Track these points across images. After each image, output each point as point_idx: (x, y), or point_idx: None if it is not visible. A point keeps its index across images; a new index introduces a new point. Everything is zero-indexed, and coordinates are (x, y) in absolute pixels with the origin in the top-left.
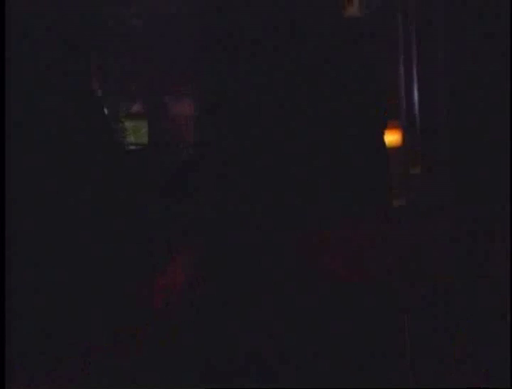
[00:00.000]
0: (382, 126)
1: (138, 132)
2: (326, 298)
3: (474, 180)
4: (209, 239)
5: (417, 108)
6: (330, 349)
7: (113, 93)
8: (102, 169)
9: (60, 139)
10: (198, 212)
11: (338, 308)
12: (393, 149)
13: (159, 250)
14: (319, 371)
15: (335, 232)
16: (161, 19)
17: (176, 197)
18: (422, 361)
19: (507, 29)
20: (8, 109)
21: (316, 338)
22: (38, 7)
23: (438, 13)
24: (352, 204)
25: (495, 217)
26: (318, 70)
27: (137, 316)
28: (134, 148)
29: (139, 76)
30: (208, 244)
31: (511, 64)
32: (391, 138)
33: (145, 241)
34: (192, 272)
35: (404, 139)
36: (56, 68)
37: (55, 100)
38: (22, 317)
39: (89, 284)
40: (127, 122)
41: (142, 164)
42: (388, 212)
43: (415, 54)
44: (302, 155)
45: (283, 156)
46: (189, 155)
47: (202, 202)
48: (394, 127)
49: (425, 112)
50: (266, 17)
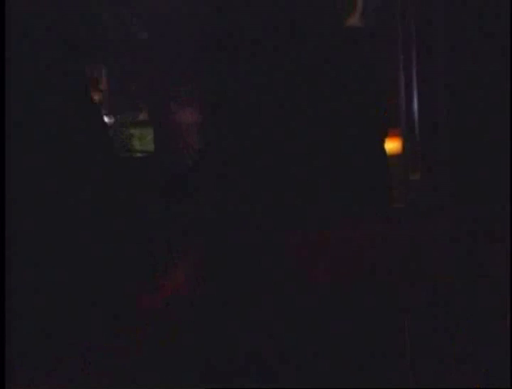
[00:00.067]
0: (383, 133)
1: (143, 139)
2: (326, 298)
3: (473, 183)
4: (209, 239)
5: (417, 115)
6: (330, 349)
7: (119, 101)
8: (102, 169)
9: (60, 139)
10: (199, 213)
11: (338, 308)
12: (393, 155)
13: (159, 251)
14: (319, 371)
15: (335, 233)
16: (165, 28)
17: (177, 198)
18: (422, 361)
19: (507, 32)
20: (8, 109)
21: (316, 338)
22: (38, 7)
23: (438, 25)
24: (354, 207)
25: (495, 217)
26: (319, 78)
27: (137, 316)
28: (140, 155)
29: (145, 85)
30: (208, 244)
31: (511, 66)
32: (391, 144)
33: (145, 241)
34: (192, 272)
35: (404, 146)
36: (55, 68)
37: (54, 101)
38: (22, 317)
39: (89, 284)
40: (133, 130)
41: (146, 168)
42: (389, 215)
43: (414, 64)
44: (304, 160)
45: (284, 160)
46: (193, 160)
47: (203, 202)
48: (394, 134)
49: (425, 119)
50: (267, 21)
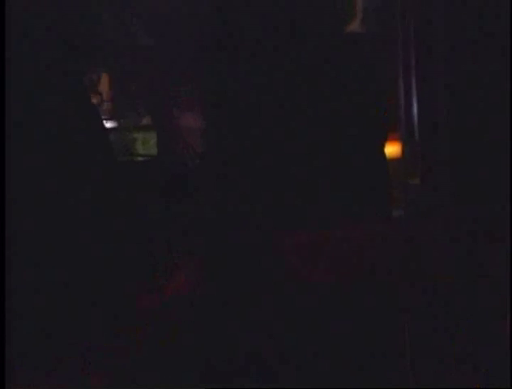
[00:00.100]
0: (383, 138)
1: (147, 143)
2: (326, 298)
3: (473, 186)
4: (209, 239)
5: (416, 120)
6: (330, 349)
7: (122, 106)
8: (101, 169)
9: (58, 140)
10: (199, 213)
11: (338, 308)
12: (392, 159)
13: (159, 251)
14: (319, 371)
15: (335, 233)
16: (167, 31)
17: (178, 198)
18: (422, 361)
19: (507, 33)
20: (8, 109)
21: (316, 338)
22: (38, 7)
23: (438, 30)
24: (353, 209)
25: (495, 217)
26: (319, 81)
27: (137, 316)
28: (144, 159)
29: (147, 89)
30: (208, 244)
31: (511, 70)
32: (391, 148)
33: (145, 241)
34: (192, 272)
35: (403, 150)
36: (53, 70)
37: (52, 102)
38: (22, 317)
39: (89, 284)
40: (137, 134)
41: (147, 169)
42: (388, 217)
43: (413, 69)
44: (304, 163)
45: (283, 163)
46: (194, 161)
47: (203, 203)
48: (393, 138)
49: (424, 123)
50: (267, 22)
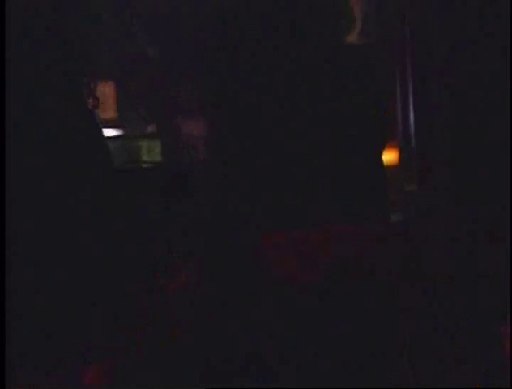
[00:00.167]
0: (381, 146)
1: (152, 151)
2: (326, 298)
3: (470, 191)
4: (209, 240)
5: (413, 128)
6: (330, 349)
7: (128, 115)
8: (102, 171)
9: (57, 142)
10: (200, 214)
11: (338, 308)
12: (390, 166)
13: (159, 251)
14: (319, 371)
15: (334, 235)
16: (173, 41)
17: (178, 199)
18: (422, 361)
19: (507, 35)
20: (8, 109)
21: (316, 338)
22: (38, 7)
23: (435, 42)
24: (353, 213)
25: (495, 217)
26: (319, 91)
27: (137, 316)
28: (149, 166)
29: (153, 99)
30: (209, 244)
31: (511, 78)
32: (389, 156)
33: (146, 241)
34: (192, 272)
35: (400, 157)
36: (53, 69)
37: (50, 105)
38: (22, 317)
39: (89, 284)
40: (142, 142)
41: (147, 171)
42: (387, 220)
43: (411, 79)
44: (304, 167)
45: (284, 170)
46: (195, 161)
47: (203, 203)
48: (391, 146)
49: (420, 132)
50: (266, 32)
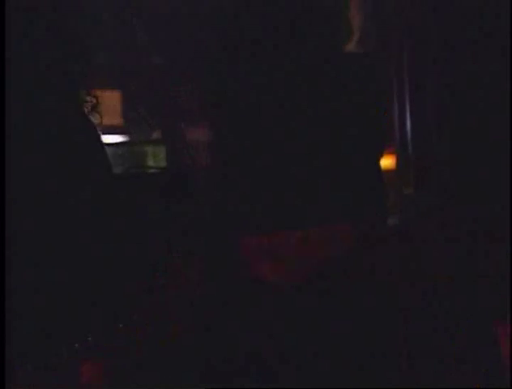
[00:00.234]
0: (378, 151)
1: (157, 157)
2: (326, 298)
3: (465, 193)
4: (210, 239)
5: (409, 134)
6: (330, 349)
7: (133, 121)
8: (101, 172)
9: (56, 141)
10: (200, 215)
11: (338, 308)
12: (388, 171)
13: (160, 251)
14: (319, 371)
15: (334, 235)
16: (178, 49)
17: (178, 199)
18: (422, 361)
19: (507, 40)
20: (8, 110)
21: (316, 338)
22: (38, 7)
23: (431, 51)
24: (352, 216)
25: (493, 218)
26: (318, 99)
27: (137, 316)
28: (154, 171)
29: (157, 105)
30: (209, 244)
31: (511, 85)
32: (386, 161)
33: (147, 242)
34: (192, 272)
35: (398, 162)
36: (51, 71)
37: (48, 104)
38: (22, 317)
39: (89, 284)
40: (147, 147)
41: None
42: (384, 223)
43: (407, 88)
44: (306, 172)
45: (285, 173)
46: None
47: (203, 203)
48: (388, 152)
49: (417, 138)
50: (267, 39)
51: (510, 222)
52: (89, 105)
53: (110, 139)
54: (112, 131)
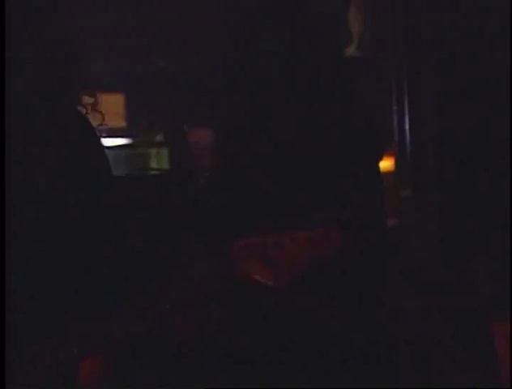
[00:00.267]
0: (378, 155)
1: (160, 159)
2: (326, 298)
3: (461, 195)
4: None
5: (408, 139)
6: (330, 349)
7: (139, 124)
8: (101, 172)
9: (56, 141)
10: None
11: (338, 308)
12: (387, 174)
13: (162, 253)
14: (319, 371)
15: (333, 237)
16: (182, 55)
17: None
18: (422, 361)
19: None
20: (8, 111)
21: (316, 338)
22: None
23: (428, 58)
24: (351, 219)
25: (495, 217)
26: (321, 105)
27: (137, 316)
28: (157, 173)
29: (161, 109)
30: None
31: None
32: (385, 164)
33: (147, 243)
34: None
35: (396, 166)
36: (49, 73)
37: (46, 105)
38: (22, 317)
39: (90, 285)
40: (151, 150)
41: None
42: (384, 224)
43: (406, 93)
44: (307, 177)
45: (287, 178)
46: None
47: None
48: (387, 155)
49: (415, 142)
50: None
51: (511, 222)
52: (88, 106)
53: (115, 142)
54: (116, 134)
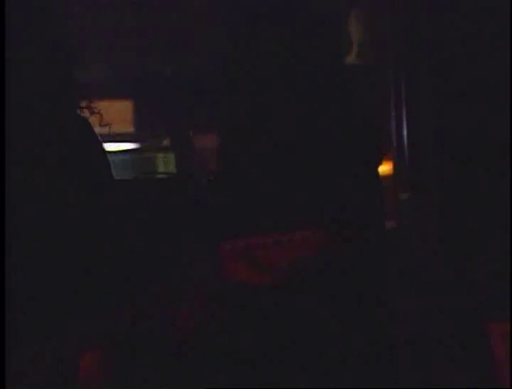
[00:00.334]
0: (377, 159)
1: (167, 163)
2: (326, 298)
3: (461, 199)
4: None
5: (406, 143)
6: (330, 349)
7: (145, 130)
8: (102, 175)
9: (56, 143)
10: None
11: (338, 308)
12: (386, 177)
13: (162, 253)
14: (319, 371)
15: (316, 238)
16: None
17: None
18: (422, 361)
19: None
20: (8, 111)
21: (316, 338)
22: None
23: (426, 65)
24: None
25: (495, 217)
26: (321, 111)
27: (137, 316)
28: (164, 177)
29: (168, 114)
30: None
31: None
32: (384, 168)
33: (147, 244)
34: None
35: (395, 169)
36: (47, 74)
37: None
38: (22, 317)
39: (90, 284)
40: (158, 154)
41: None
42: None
43: (404, 99)
44: (308, 182)
45: (289, 182)
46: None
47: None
48: (386, 159)
49: (413, 146)
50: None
51: (510, 223)
52: (89, 111)
53: (122, 147)
54: (124, 139)
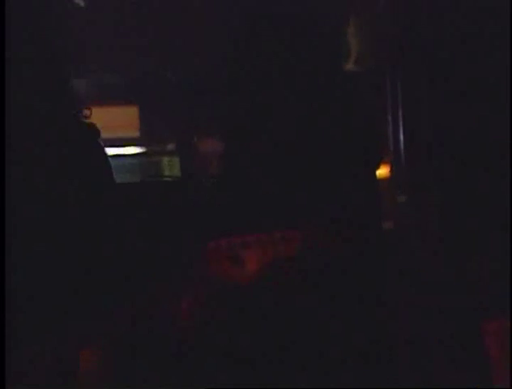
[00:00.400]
0: (374, 162)
1: (172, 166)
2: (326, 298)
3: (458, 201)
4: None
5: (403, 147)
6: (330, 349)
7: (151, 134)
8: (102, 178)
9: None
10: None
11: (338, 308)
12: (383, 180)
13: (162, 253)
14: (319, 371)
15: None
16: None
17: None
18: (422, 361)
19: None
20: (8, 111)
21: (316, 338)
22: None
23: (423, 71)
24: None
25: (495, 216)
26: (320, 117)
27: (137, 316)
28: (169, 180)
29: (172, 119)
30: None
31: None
32: (382, 171)
33: (147, 244)
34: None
35: (392, 172)
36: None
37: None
38: (22, 317)
39: (90, 285)
40: (163, 158)
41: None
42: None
43: (400, 103)
44: (309, 185)
45: (291, 185)
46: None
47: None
48: (384, 162)
49: (410, 150)
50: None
51: (510, 223)
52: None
53: (129, 151)
54: (130, 143)
